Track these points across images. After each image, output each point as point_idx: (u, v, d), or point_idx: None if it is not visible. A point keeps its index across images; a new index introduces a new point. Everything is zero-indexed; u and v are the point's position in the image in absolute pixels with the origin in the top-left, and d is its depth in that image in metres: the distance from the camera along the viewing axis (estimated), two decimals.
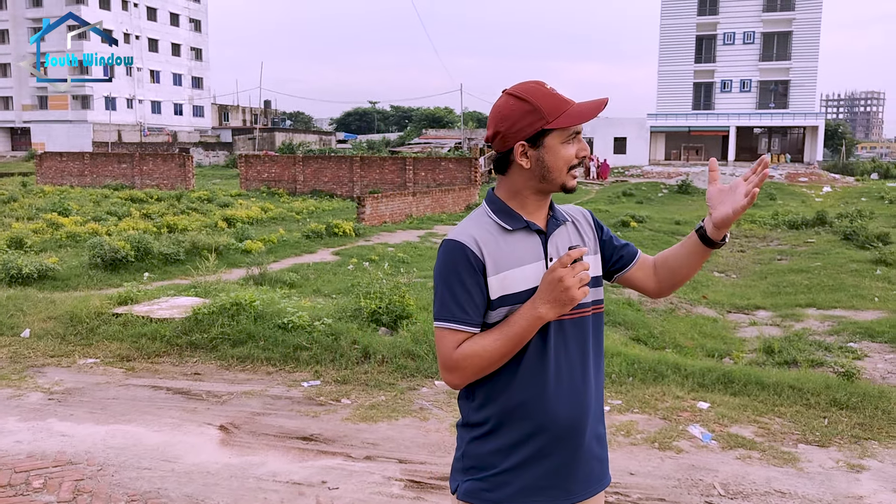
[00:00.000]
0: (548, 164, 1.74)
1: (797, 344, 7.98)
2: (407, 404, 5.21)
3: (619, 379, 5.66)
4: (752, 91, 46.96)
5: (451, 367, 1.70)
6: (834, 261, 14.62)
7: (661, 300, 10.68)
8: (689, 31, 48.42)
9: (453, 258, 1.71)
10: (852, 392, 5.31)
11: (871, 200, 29.10)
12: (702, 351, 8.02)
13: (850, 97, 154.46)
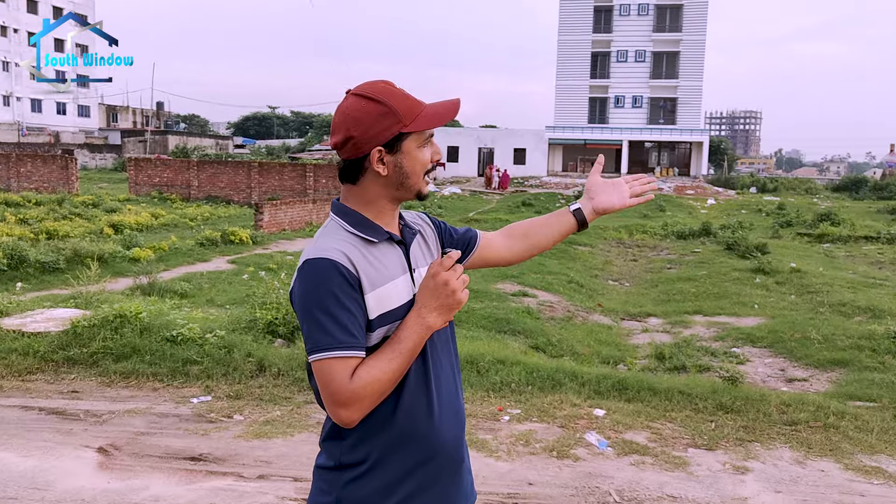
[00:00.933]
0: (406, 170, 1.63)
1: (686, 350, 8.32)
2: (303, 419, 5.03)
3: (518, 388, 5.68)
4: (644, 107, 49.17)
5: (348, 400, 1.48)
6: (718, 269, 15.40)
7: (559, 309, 10.91)
8: (585, 48, 50.18)
9: (325, 278, 1.51)
10: (737, 396, 5.55)
11: (751, 213, 30.99)
12: (597, 358, 8.20)
13: (731, 115, 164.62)
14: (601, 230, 23.55)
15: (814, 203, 34.69)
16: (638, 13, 49.26)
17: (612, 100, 49.56)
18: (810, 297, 12.01)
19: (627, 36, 49.42)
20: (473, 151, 49.91)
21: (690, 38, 48.64)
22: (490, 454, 4.46)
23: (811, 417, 5.21)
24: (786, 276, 14.17)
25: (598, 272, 16.14)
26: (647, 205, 32.94)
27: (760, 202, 35.00)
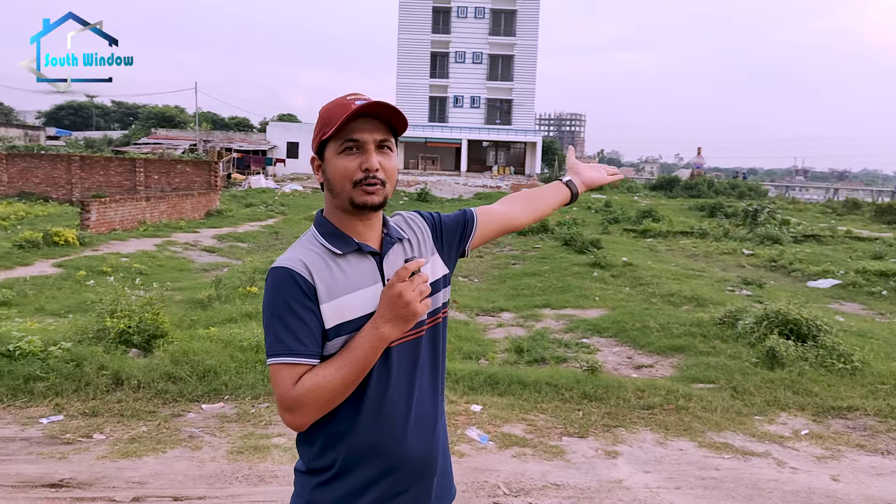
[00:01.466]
0: (329, 178, 1.64)
1: (542, 342, 8.72)
2: (173, 433, 4.74)
3: None
4: (482, 107, 50.83)
5: (292, 405, 1.51)
6: (559, 265, 16.26)
7: None
8: (425, 47, 50.98)
9: (281, 286, 1.55)
10: (598, 384, 5.93)
11: (581, 210, 32.99)
12: (459, 354, 8.40)
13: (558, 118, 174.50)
14: None
15: (635, 201, 37.59)
16: (475, 16, 50.79)
17: (452, 99, 50.77)
18: (643, 288, 13.00)
19: (465, 37, 50.81)
20: None
21: (524, 43, 50.92)
22: None
23: (664, 401, 5.68)
24: (619, 270, 15.25)
25: None
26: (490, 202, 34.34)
27: (589, 200, 37.32)
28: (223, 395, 5.50)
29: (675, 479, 4.27)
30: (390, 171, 1.65)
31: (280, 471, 4.18)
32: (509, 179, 46.00)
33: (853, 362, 6.60)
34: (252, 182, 39.06)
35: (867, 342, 8.10)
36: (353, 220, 1.65)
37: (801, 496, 4.09)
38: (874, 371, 6.45)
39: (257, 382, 5.66)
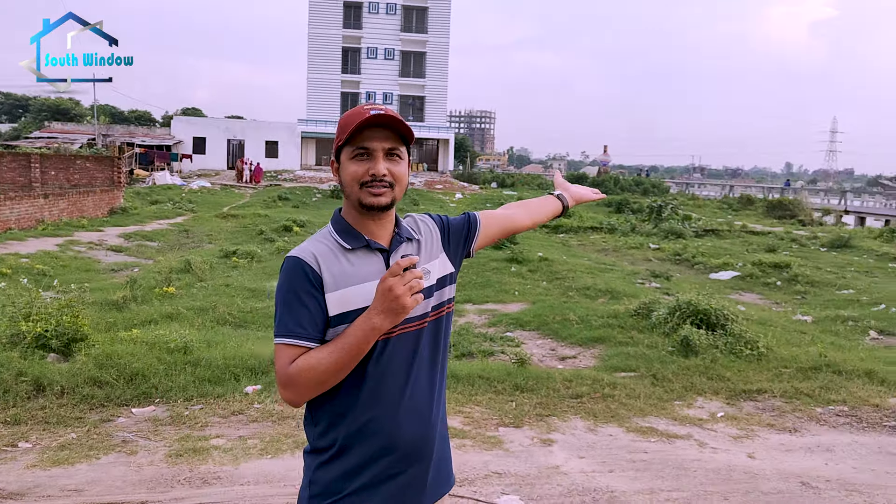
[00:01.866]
0: (342, 180, 1.79)
1: (467, 337, 8.89)
2: (105, 439, 4.61)
3: None
4: (395, 104, 50.71)
5: (286, 381, 1.65)
6: (478, 260, 16.49)
7: None
8: (336, 42, 50.42)
9: (291, 273, 1.71)
10: (528, 376, 6.13)
11: (495, 206, 33.40)
12: None
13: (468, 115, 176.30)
14: None
15: None
16: (387, 12, 50.63)
17: (364, 95, 50.42)
18: (559, 282, 13.43)
19: (377, 33, 50.59)
20: (222, 143, 47.77)
21: (435, 40, 51.16)
22: None
23: (591, 390, 5.94)
24: (536, 265, 15.66)
25: None
26: (403, 199, 34.39)
27: (502, 196, 38.03)
28: (153, 399, 5.36)
29: (608, 463, 4.50)
30: (399, 175, 1.77)
31: (223, 472, 4.15)
32: (423, 176, 46.19)
33: (759, 349, 7.09)
34: (157, 178, 37.64)
35: (768, 330, 8.69)
36: (365, 219, 1.78)
37: (722, 473, 4.40)
38: (777, 356, 6.94)
39: (189, 385, 5.55)
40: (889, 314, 11.64)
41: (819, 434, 5.18)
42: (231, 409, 5.20)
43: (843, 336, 9.80)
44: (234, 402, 5.31)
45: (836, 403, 5.79)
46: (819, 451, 4.83)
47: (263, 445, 4.54)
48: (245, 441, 4.61)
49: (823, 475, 4.41)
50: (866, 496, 4.12)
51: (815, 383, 6.19)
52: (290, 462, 4.33)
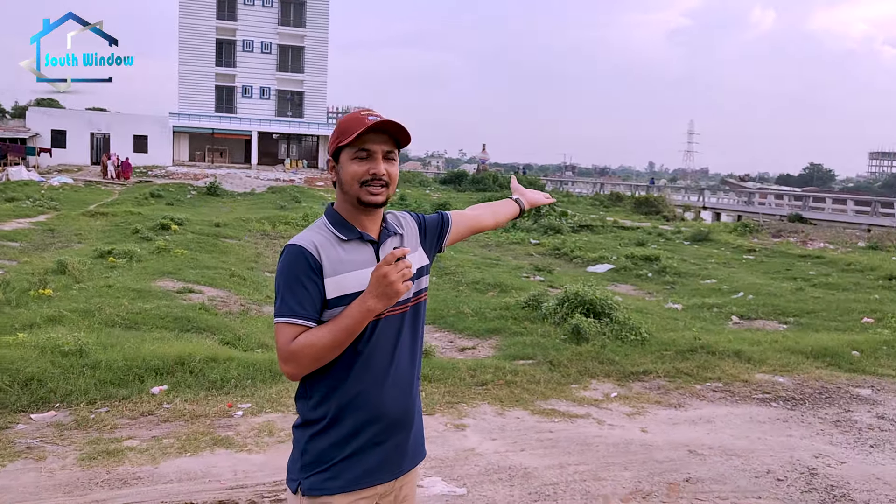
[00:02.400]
0: (341, 178, 1.95)
1: None
2: (7, 446, 4.40)
3: (240, 383, 5.69)
4: (272, 99, 49.51)
5: (288, 357, 1.82)
6: None
7: (231, 304, 10.80)
8: (209, 34, 48.54)
9: (293, 260, 1.87)
10: (434, 367, 6.36)
11: None
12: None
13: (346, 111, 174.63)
14: (245, 222, 23.45)
15: (427, 195, 39.03)
16: (262, 4, 49.29)
17: (240, 89, 48.89)
18: (449, 277, 13.77)
19: (253, 26, 49.14)
20: (85, 137, 44.97)
21: (314, 34, 50.39)
22: (240, 449, 4.49)
23: (494, 377, 6.25)
24: None
25: (253, 264, 16.14)
26: (285, 196, 33.85)
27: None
28: (53, 404, 5.14)
29: (519, 443, 4.80)
30: (393, 176, 1.97)
31: (142, 472, 4.09)
32: (303, 173, 45.50)
33: (642, 334, 7.68)
34: (11, 174, 34.90)
35: (646, 317, 9.39)
36: (358, 213, 1.96)
37: (621, 447, 4.80)
38: (658, 341, 7.55)
39: (90, 388, 5.35)
40: (747, 301, 12.80)
41: (700, 408, 5.73)
42: (139, 410, 5.08)
43: (710, 321, 10.71)
44: (141, 404, 5.19)
45: (712, 380, 6.41)
46: (701, 423, 5.36)
47: (181, 444, 4.50)
48: (160, 441, 4.55)
49: (707, 443, 4.92)
50: (744, 459, 4.64)
51: (692, 363, 6.81)
52: (210, 459, 4.33)
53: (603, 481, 4.23)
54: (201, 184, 37.01)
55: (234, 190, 36.85)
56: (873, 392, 6.24)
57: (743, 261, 20.18)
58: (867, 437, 5.16)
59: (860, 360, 7.14)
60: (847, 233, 29.24)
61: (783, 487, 4.24)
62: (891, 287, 15.21)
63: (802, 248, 23.34)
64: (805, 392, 6.17)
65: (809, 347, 7.45)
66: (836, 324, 10.44)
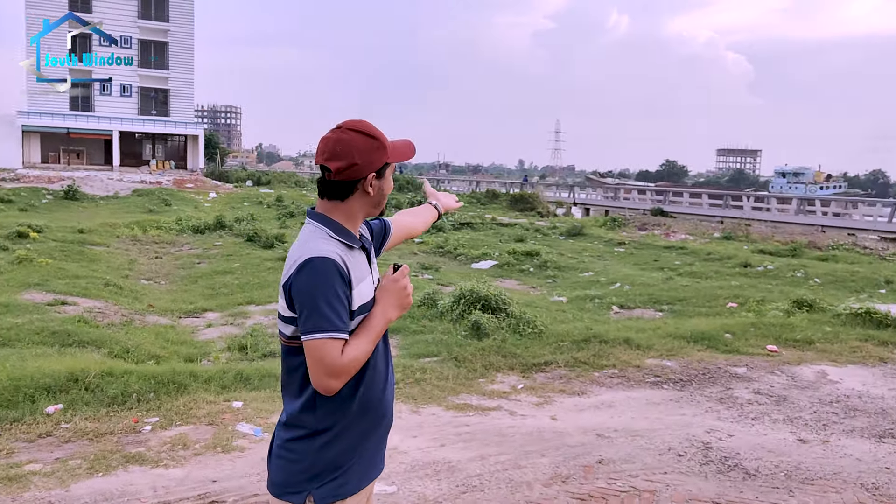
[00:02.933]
0: (384, 192, 2.04)
1: (262, 338, 8.82)
2: None
3: (142, 397, 5.45)
4: (134, 96, 46.72)
5: (339, 371, 1.81)
6: (250, 261, 16.19)
7: (112, 315, 10.22)
8: (62, 26, 45.16)
9: (328, 273, 1.83)
10: None
11: (253, 205, 32.64)
12: (179, 357, 8.12)
13: (213, 109, 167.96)
14: (112, 227, 22.15)
15: (304, 195, 38.37)
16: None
17: (98, 86, 45.88)
18: None
19: (111, 19, 46.19)
20: None
21: (179, 29, 48.09)
22: (155, 465, 4.32)
23: (404, 376, 6.33)
24: None
25: (127, 272, 15.32)
26: (153, 200, 32.22)
27: (259, 195, 37.09)
28: None
29: (439, 439, 4.91)
30: None
31: (53, 496, 3.85)
32: (171, 174, 43.43)
33: (538, 327, 8.00)
34: None
35: (536, 311, 9.77)
36: (356, 223, 2.02)
37: (535, 435, 5.03)
38: (553, 332, 7.90)
39: None
40: (624, 291, 13.60)
41: (601, 394, 6.08)
42: (36, 431, 4.75)
43: (594, 312, 11.32)
44: (36, 425, 4.86)
45: (608, 367, 6.81)
46: (604, 408, 5.70)
47: (89, 464, 4.26)
48: (66, 463, 4.29)
49: (612, 426, 5.24)
50: (647, 439, 4.99)
51: (588, 352, 7.19)
52: (125, 477, 4.14)
53: (523, 469, 4.43)
54: (57, 187, 34.49)
55: (94, 193, 34.63)
56: (748, 370, 6.86)
57: (615, 253, 21.36)
58: (748, 411, 5.69)
59: (733, 342, 7.80)
60: (703, 224, 31.56)
61: (685, 462, 4.60)
62: (746, 274, 16.65)
63: (666, 240, 25.01)
64: (690, 374, 6.69)
65: (689, 332, 8.05)
66: (705, 309, 11.32)
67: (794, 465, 4.59)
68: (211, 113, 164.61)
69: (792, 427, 5.35)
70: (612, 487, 4.18)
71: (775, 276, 16.14)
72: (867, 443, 5.05)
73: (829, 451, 4.85)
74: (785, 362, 7.16)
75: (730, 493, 4.15)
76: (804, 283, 14.96)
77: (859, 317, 8.77)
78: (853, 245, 24.42)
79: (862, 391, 6.28)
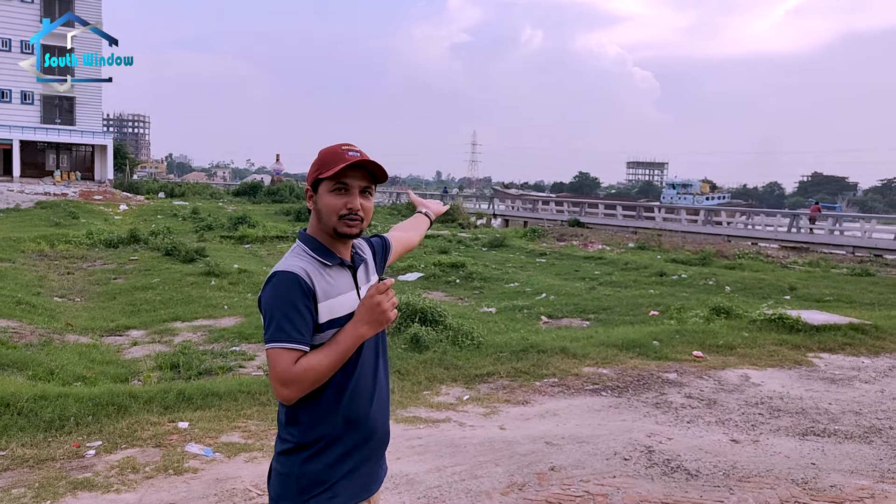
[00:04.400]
0: (319, 209, 2.05)
1: (195, 355, 8.59)
2: None
3: (81, 420, 5.25)
4: (36, 104, 44.44)
5: (290, 380, 1.87)
6: (170, 276, 15.67)
7: (28, 335, 9.72)
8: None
9: (287, 286, 1.92)
10: None
11: (167, 218, 31.58)
12: (107, 378, 7.82)
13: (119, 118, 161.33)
14: (16, 242, 20.99)
15: (221, 207, 37.40)
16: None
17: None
18: None
19: (9, 22, 43.84)
20: None
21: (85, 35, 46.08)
22: (106, 490, 4.18)
23: None
24: (236, 277, 15.41)
25: (38, 289, 14.56)
26: (59, 212, 30.71)
27: (173, 207, 35.95)
28: None
29: (393, 452, 4.92)
30: (368, 210, 2.08)
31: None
32: (77, 185, 41.52)
33: (476, 339, 8.14)
34: None
35: (469, 322, 9.92)
36: (332, 240, 2.07)
37: (486, 445, 5.14)
38: (491, 343, 8.06)
39: None
40: (550, 301, 13.96)
41: (544, 403, 6.26)
42: None
43: (523, 322, 11.57)
44: None
45: (548, 376, 7.01)
46: (549, 416, 5.88)
47: (35, 493, 4.08)
48: (9, 492, 4.09)
49: (559, 434, 5.42)
50: (593, 445, 5.18)
51: (527, 362, 7.37)
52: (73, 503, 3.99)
53: (480, 479, 4.53)
54: None
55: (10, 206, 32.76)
56: (678, 375, 7.21)
57: (537, 264, 21.83)
58: (683, 415, 5.99)
59: (661, 349, 8.17)
60: (619, 235, 32.70)
61: (631, 465, 4.82)
62: (662, 283, 17.38)
63: (585, 250, 25.76)
64: (626, 380, 6.97)
65: (619, 340, 8.37)
66: (629, 317, 11.78)
67: (731, 464, 4.88)
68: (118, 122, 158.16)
69: (724, 428, 5.68)
70: (566, 493, 4.33)
71: (689, 284, 16.91)
72: (793, 441, 5.42)
73: (760, 450, 5.18)
74: (711, 367, 7.56)
75: (676, 493, 4.37)
76: (716, 290, 15.74)
77: (773, 322, 9.34)
78: (757, 254, 25.85)
79: (783, 392, 6.72)
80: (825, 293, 15.41)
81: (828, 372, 7.56)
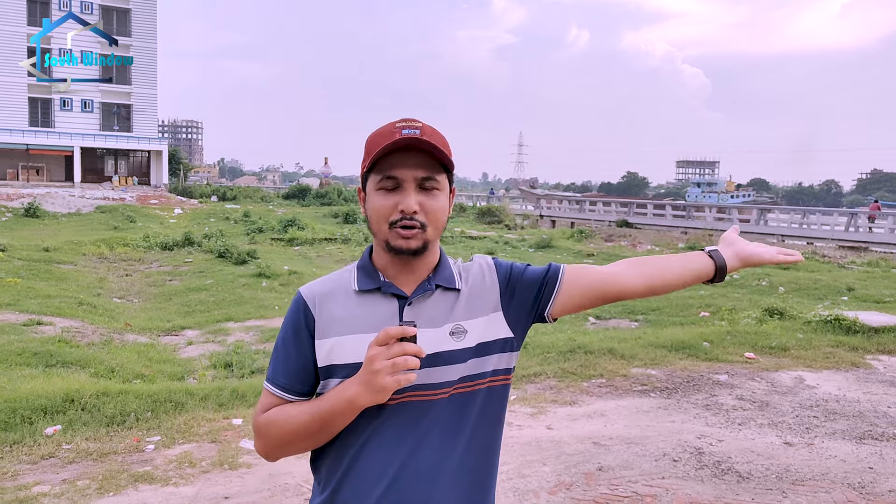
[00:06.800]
0: (369, 215, 1.46)
1: (247, 355, 8.81)
2: None
3: (141, 416, 5.45)
4: (96, 112, 46.05)
5: (255, 430, 1.48)
6: (223, 278, 16.08)
7: (90, 334, 10.09)
8: (20, 42, 44.37)
9: (291, 312, 1.50)
10: None
11: (220, 221, 32.38)
12: (164, 376, 8.07)
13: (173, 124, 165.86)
14: (76, 245, 21.81)
15: (271, 210, 38.14)
16: (81, 10, 45.85)
17: (58, 101, 45.09)
18: None
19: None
20: None
21: (141, 44, 47.59)
22: (165, 483, 4.34)
23: None
24: (287, 278, 15.73)
25: (98, 290, 15.11)
26: (117, 216, 31.71)
27: (225, 210, 36.79)
28: None
29: None
30: (433, 212, 1.43)
31: None
32: (134, 191, 42.84)
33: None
34: None
35: None
36: (389, 257, 1.46)
37: (534, 444, 5.16)
38: (540, 344, 8.05)
39: None
40: None
41: (592, 403, 6.24)
42: (38, 453, 4.73)
43: (570, 323, 11.52)
44: (38, 447, 4.83)
45: (596, 377, 6.98)
46: (597, 417, 5.86)
47: (99, 485, 4.27)
48: (74, 484, 4.28)
49: (606, 434, 5.40)
50: (641, 446, 5.16)
51: (575, 363, 7.35)
52: (137, 496, 4.15)
53: (528, 478, 4.55)
54: (17, 205, 33.82)
55: (56, 211, 34.05)
56: (729, 377, 7.09)
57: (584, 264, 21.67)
58: (734, 417, 5.90)
59: (712, 350, 8.05)
60: (668, 235, 32.21)
61: (680, 467, 4.78)
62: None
63: (633, 251, 25.48)
64: (675, 381, 6.89)
65: (668, 341, 8.27)
66: (679, 318, 11.62)
67: (784, 467, 4.79)
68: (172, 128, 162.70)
69: (777, 431, 5.58)
70: (614, 493, 4.32)
71: (741, 284, 16.56)
72: (849, 444, 5.29)
73: (815, 454, 5.07)
74: (763, 369, 7.42)
75: (727, 495, 4.32)
76: (769, 291, 15.40)
77: (829, 323, 9.11)
78: (812, 253, 25.18)
79: (839, 395, 6.55)
80: (885, 294, 14.93)
81: (887, 374, 7.35)
